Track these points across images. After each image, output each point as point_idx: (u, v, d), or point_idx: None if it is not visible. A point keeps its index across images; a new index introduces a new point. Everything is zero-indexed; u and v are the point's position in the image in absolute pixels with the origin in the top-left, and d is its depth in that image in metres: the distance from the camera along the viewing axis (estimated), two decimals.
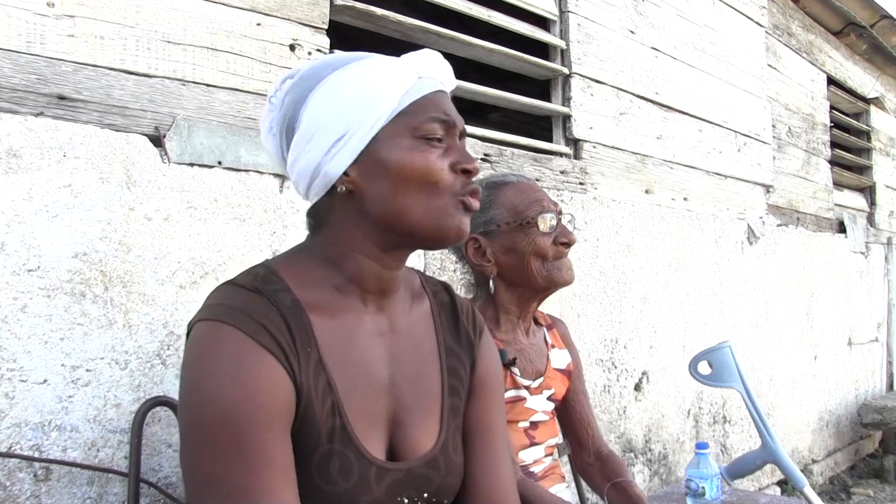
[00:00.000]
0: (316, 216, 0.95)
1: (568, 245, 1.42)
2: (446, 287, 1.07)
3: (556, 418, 1.54)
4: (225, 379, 0.79)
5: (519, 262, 1.40)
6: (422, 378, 0.96)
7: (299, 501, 0.80)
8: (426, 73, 0.92)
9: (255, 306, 0.83)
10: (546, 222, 1.40)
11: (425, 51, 0.94)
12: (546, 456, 1.48)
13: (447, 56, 0.95)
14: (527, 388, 1.43)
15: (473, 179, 0.93)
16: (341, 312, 0.90)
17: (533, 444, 1.44)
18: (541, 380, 1.46)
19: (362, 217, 0.90)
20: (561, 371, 1.52)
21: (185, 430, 0.81)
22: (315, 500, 0.82)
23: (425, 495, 0.92)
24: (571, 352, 1.57)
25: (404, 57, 0.93)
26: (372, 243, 0.90)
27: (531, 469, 1.43)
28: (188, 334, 0.86)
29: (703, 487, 1.51)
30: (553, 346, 1.53)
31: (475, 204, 0.92)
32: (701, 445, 1.55)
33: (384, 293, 0.94)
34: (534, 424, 1.45)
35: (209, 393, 0.79)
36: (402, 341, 0.95)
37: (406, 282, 1.00)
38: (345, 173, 0.89)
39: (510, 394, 1.40)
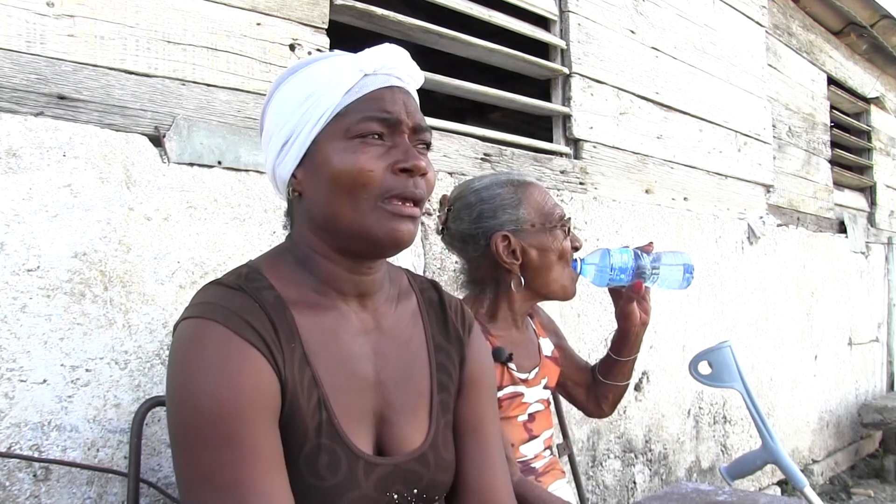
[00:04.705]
0: (289, 217, 0.97)
1: (577, 249, 1.45)
2: (434, 284, 1.07)
3: (550, 407, 1.55)
4: (211, 375, 0.80)
5: (544, 264, 1.41)
6: (409, 375, 0.96)
7: (290, 492, 0.81)
8: (376, 69, 0.89)
9: (238, 303, 0.84)
10: (566, 225, 1.43)
11: (380, 46, 0.92)
12: (545, 449, 1.49)
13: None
14: (524, 381, 1.43)
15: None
16: (324, 310, 0.91)
17: (531, 437, 1.45)
18: (536, 370, 1.47)
19: (311, 219, 0.91)
20: (549, 358, 1.53)
21: (174, 427, 0.82)
22: (304, 496, 0.83)
23: (415, 491, 0.92)
24: (552, 338, 1.60)
25: (358, 54, 0.91)
26: (328, 247, 0.90)
27: (532, 465, 1.43)
28: (174, 333, 0.87)
29: (621, 277, 1.40)
30: (538, 336, 1.55)
31: (407, 210, 0.86)
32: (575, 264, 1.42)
33: (362, 295, 0.94)
34: (531, 416, 1.45)
35: (196, 389, 0.79)
36: (389, 339, 0.96)
37: (392, 280, 1.00)
38: (293, 175, 0.91)
39: (508, 390, 1.40)
